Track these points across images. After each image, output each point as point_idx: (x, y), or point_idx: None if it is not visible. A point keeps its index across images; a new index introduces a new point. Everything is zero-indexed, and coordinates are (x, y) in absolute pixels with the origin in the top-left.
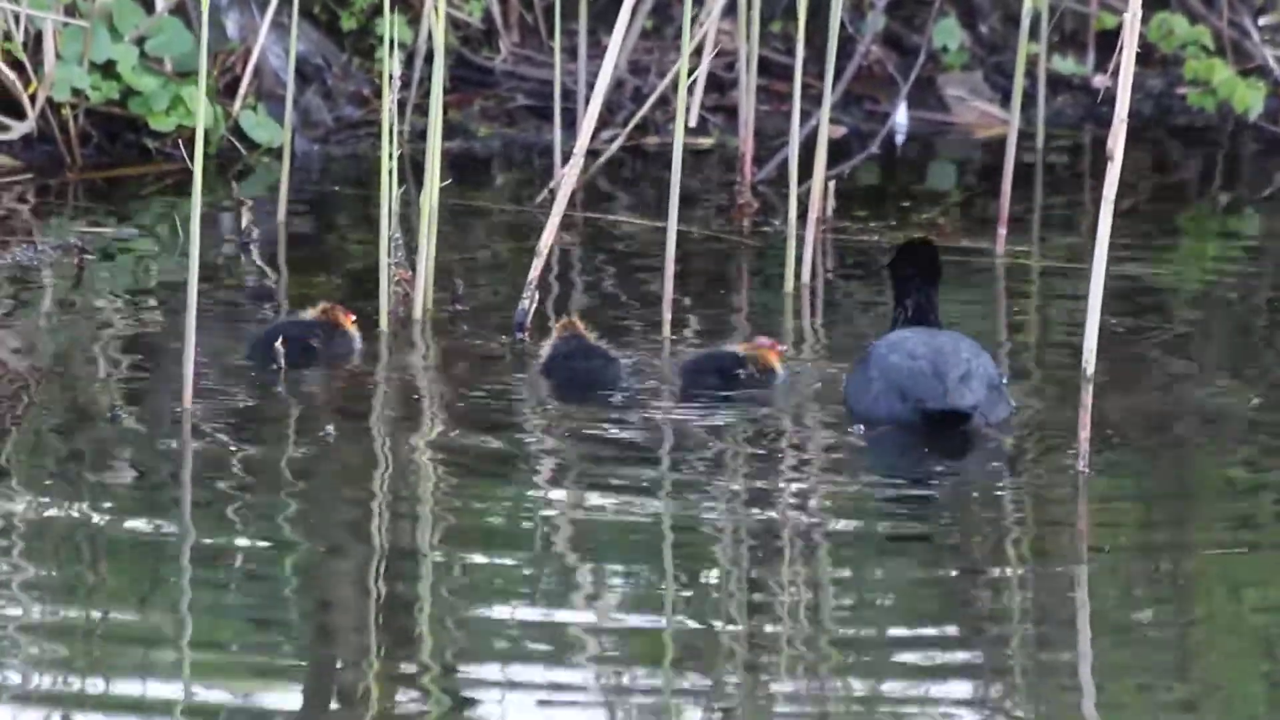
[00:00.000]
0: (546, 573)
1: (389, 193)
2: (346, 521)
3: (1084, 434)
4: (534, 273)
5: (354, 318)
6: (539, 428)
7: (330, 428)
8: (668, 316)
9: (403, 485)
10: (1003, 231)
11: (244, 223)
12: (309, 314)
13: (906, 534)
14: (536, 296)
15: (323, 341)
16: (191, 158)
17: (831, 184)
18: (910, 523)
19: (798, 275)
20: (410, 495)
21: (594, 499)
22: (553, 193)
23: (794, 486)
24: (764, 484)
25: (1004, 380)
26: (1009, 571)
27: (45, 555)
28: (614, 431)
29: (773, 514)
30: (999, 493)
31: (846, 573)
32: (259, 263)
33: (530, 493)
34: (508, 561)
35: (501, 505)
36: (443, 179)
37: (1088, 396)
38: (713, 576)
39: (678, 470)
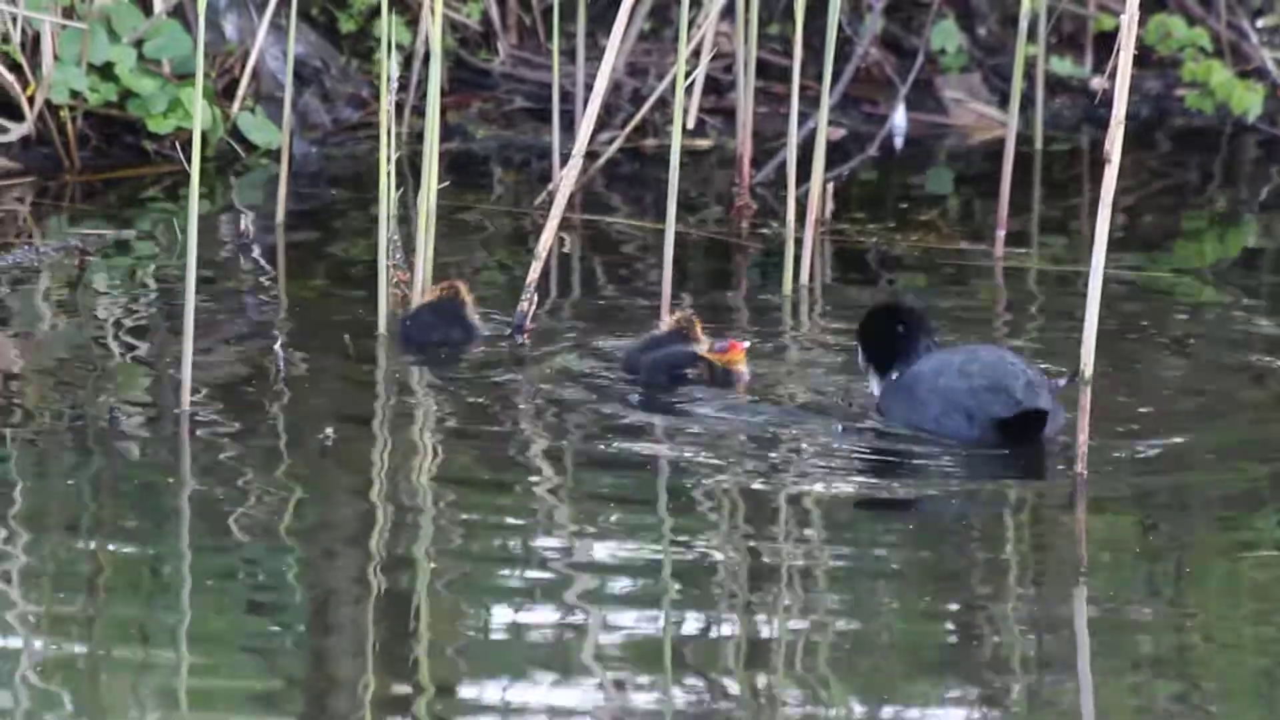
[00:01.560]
0: (545, 586)
1: (387, 195)
2: (345, 527)
3: (1082, 437)
4: (533, 275)
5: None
6: (539, 431)
7: (329, 430)
8: (666, 319)
9: (402, 490)
10: (1001, 234)
11: (242, 225)
12: (431, 296)
13: (903, 536)
14: (535, 299)
15: (466, 326)
16: (190, 160)
17: (830, 186)
18: (907, 525)
19: (796, 277)
20: (409, 501)
21: (593, 505)
22: (551, 195)
23: (786, 492)
24: (756, 491)
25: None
26: (1007, 576)
27: (42, 557)
28: (614, 436)
29: (764, 522)
30: (996, 497)
31: (839, 577)
32: (258, 264)
33: (530, 499)
34: (507, 571)
35: (501, 511)
36: (441, 181)
37: (1086, 399)
38: (712, 596)
39: (677, 480)
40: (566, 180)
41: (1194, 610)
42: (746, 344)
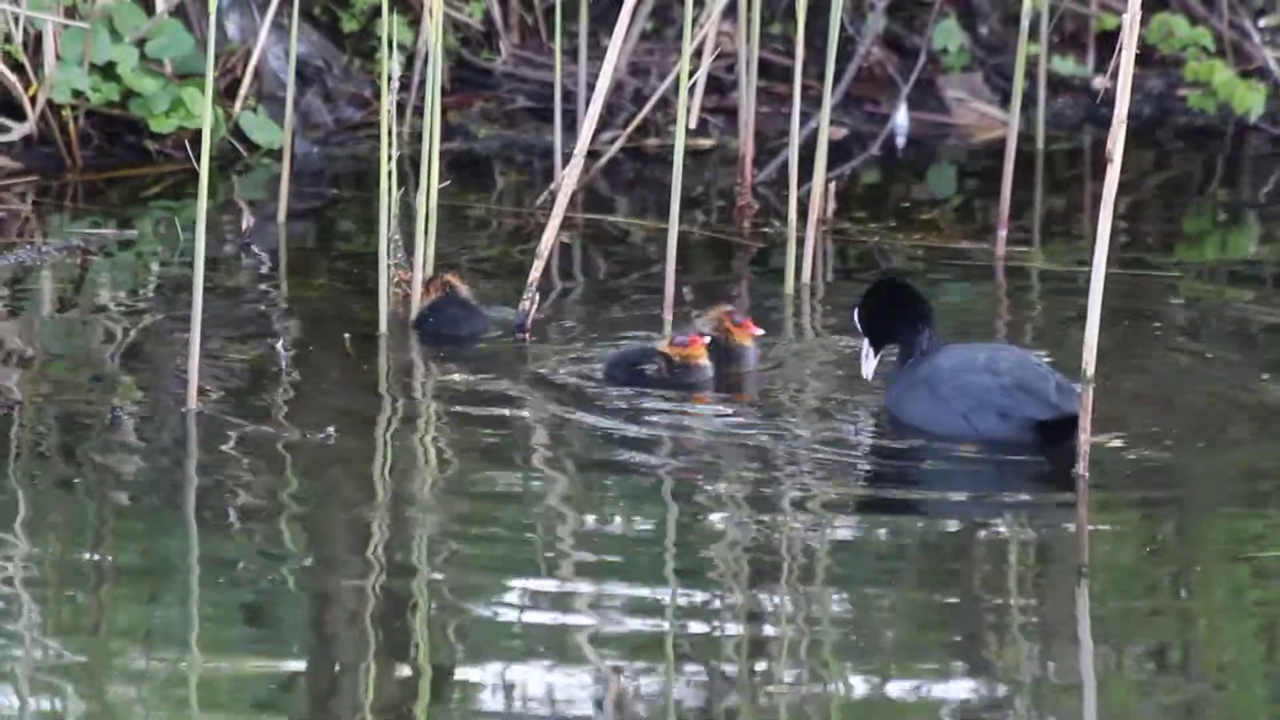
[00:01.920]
0: (549, 585)
1: (388, 194)
2: (347, 529)
3: (1083, 436)
4: (534, 274)
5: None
6: (541, 433)
7: (332, 430)
8: (669, 318)
9: (405, 488)
10: (1003, 233)
11: (244, 224)
12: (435, 293)
13: (905, 538)
14: (537, 298)
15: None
16: (195, 159)
17: (832, 185)
18: (909, 526)
19: (798, 276)
20: (413, 499)
21: (596, 504)
22: (553, 194)
23: (791, 492)
24: (762, 490)
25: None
26: (1008, 576)
27: (46, 557)
28: (617, 434)
29: (770, 520)
30: (998, 497)
31: (843, 579)
32: (259, 263)
33: (532, 503)
34: (510, 572)
35: (504, 512)
36: (443, 180)
37: (1087, 399)
38: (713, 599)
39: (679, 478)
40: (568, 180)
41: (1198, 611)
42: (707, 339)
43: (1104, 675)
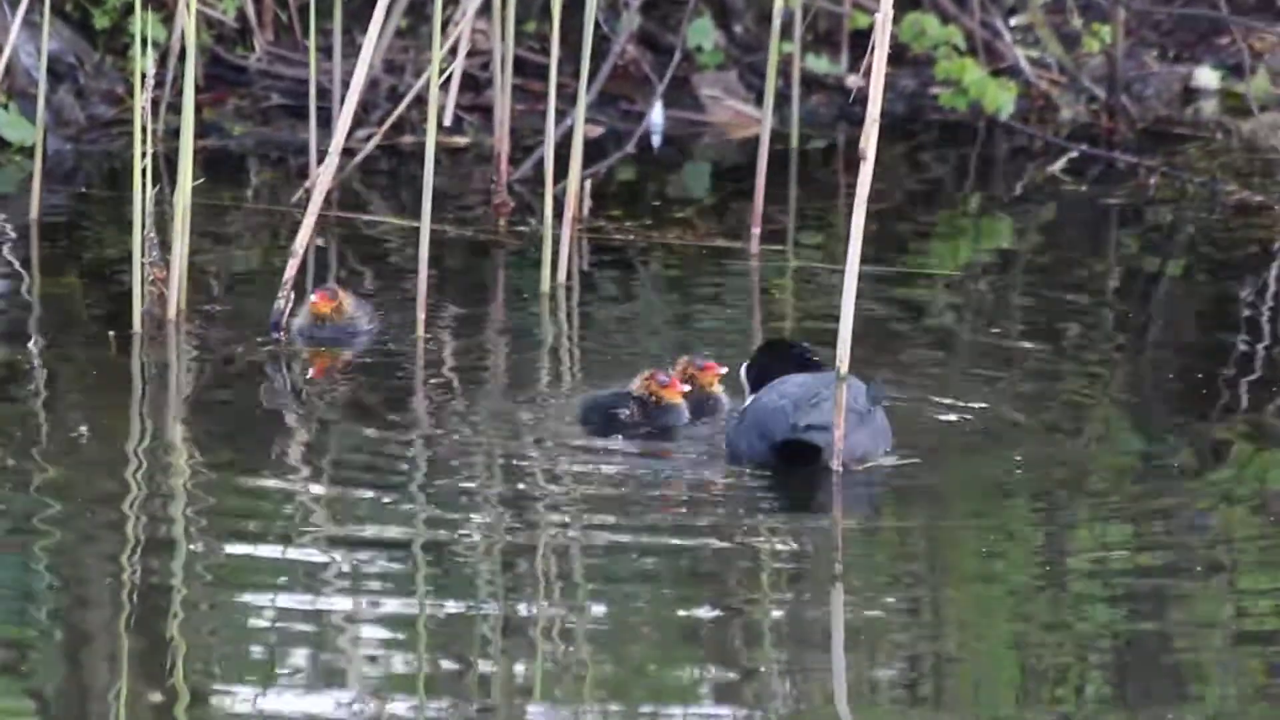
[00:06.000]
0: (300, 588)
1: (142, 192)
2: (97, 527)
3: (838, 434)
4: (289, 272)
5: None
6: (293, 426)
7: (83, 429)
8: (421, 317)
9: (155, 486)
10: (756, 231)
11: None
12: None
13: (661, 548)
14: (292, 296)
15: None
16: None
17: (588, 183)
18: (665, 536)
19: (554, 274)
20: (162, 498)
21: (351, 505)
22: (308, 192)
23: (547, 510)
24: (515, 499)
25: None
26: (761, 577)
27: None
28: (370, 432)
29: (525, 531)
30: (754, 498)
31: (596, 582)
32: (11, 263)
33: (285, 498)
34: (261, 572)
35: (256, 512)
36: (197, 178)
37: (842, 396)
38: (467, 599)
39: (435, 477)
40: (323, 177)
41: (948, 606)
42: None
43: (856, 672)
